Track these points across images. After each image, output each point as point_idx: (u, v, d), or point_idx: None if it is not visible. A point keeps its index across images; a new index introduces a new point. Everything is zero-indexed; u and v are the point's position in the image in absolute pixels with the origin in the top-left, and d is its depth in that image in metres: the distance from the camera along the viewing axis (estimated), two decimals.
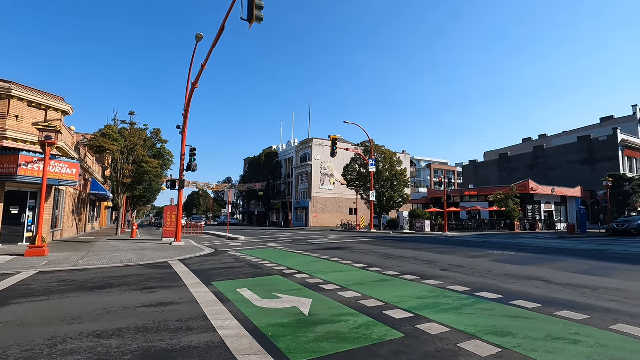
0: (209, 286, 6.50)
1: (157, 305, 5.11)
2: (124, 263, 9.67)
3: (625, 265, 9.54)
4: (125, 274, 7.95)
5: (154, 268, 8.98)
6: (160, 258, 10.76)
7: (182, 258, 10.88)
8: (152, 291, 6.12)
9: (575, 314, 4.64)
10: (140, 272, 8.24)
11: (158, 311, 4.81)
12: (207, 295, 5.78)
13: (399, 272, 7.89)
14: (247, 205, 74.33)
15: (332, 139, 28.51)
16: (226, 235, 21.48)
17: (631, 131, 46.52)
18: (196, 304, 5.18)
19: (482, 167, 61.23)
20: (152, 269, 8.87)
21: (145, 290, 6.23)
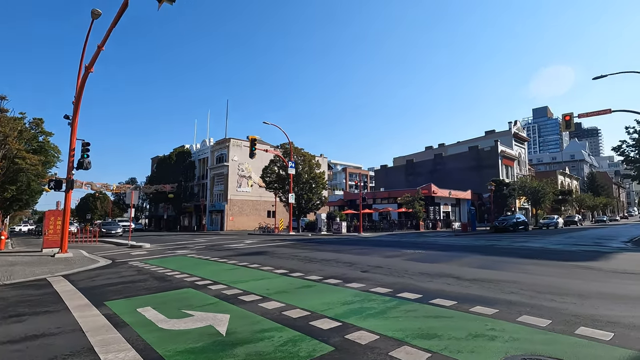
0: (101, 307, 5.37)
1: (23, 341, 3.94)
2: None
3: (512, 258, 10.93)
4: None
5: (25, 288, 7.22)
6: (37, 275, 8.78)
7: (67, 273, 9.06)
8: (20, 320, 4.79)
9: (486, 308, 4.94)
10: (4, 295, 6.51)
11: (21, 349, 3.69)
12: (96, 319, 4.71)
13: (321, 277, 7.68)
14: (155, 208, 67.76)
15: (251, 139, 27.56)
16: (127, 243, 18.94)
17: (507, 143, 55.26)
18: (80, 334, 4.14)
19: (392, 172, 66.21)
20: (23, 289, 7.13)
21: (9, 319, 4.84)
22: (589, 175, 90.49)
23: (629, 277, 7.46)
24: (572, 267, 9.05)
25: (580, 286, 6.50)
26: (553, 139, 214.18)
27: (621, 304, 5.17)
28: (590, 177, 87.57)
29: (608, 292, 6.01)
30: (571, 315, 4.59)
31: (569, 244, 16.56)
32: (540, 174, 65.86)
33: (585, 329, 4.04)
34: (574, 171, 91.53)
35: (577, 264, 9.65)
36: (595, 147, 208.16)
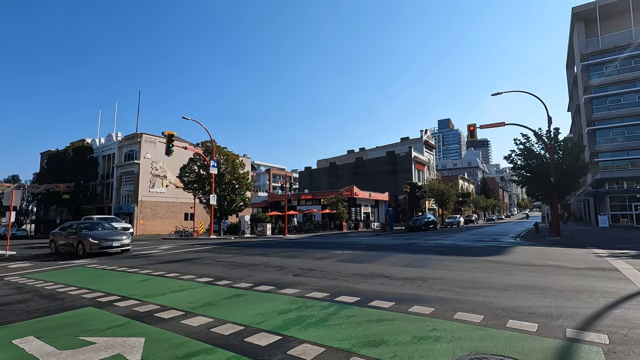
0: None
1: None
2: None
3: (432, 255, 11.66)
4: None
5: None
6: None
7: None
8: None
9: (424, 307, 4.96)
10: None
11: None
12: None
13: (251, 283, 7.08)
14: (45, 212, 57.89)
15: (167, 134, 25.14)
16: (5, 254, 15.50)
17: (419, 150, 60.51)
18: None
19: (316, 174, 67.36)
20: None
21: None
22: (481, 180, 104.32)
23: (531, 269, 8.42)
24: (484, 261, 9.96)
25: (495, 280, 7.07)
26: (454, 148, 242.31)
27: (533, 295, 5.68)
28: (483, 182, 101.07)
29: (519, 284, 6.62)
30: (498, 309, 4.85)
31: (473, 240, 18.53)
32: (444, 179, 73.62)
33: (513, 322, 4.26)
34: (471, 176, 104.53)
35: (487, 258, 10.69)
36: (486, 156, 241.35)
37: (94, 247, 13.52)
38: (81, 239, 13.84)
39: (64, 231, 15.41)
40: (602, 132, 40.02)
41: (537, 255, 11.32)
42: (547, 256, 11.15)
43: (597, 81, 40.40)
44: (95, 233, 14.27)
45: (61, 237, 15.29)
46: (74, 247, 14.08)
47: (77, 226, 15.12)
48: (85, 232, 14.30)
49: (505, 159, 25.72)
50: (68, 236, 14.73)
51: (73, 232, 14.62)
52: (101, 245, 13.63)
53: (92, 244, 13.54)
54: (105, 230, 15.24)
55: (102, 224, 16.23)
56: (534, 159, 22.98)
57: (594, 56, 40.71)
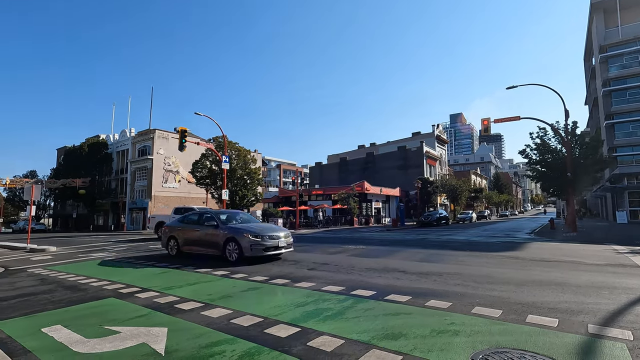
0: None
1: None
2: None
3: (445, 251, 11.59)
4: None
5: None
6: None
7: None
8: None
9: (441, 302, 4.95)
10: None
11: None
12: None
13: (267, 277, 7.16)
14: (62, 206, 59.36)
15: (180, 130, 25.37)
16: (26, 247, 16.00)
17: (431, 145, 59.85)
18: None
19: (326, 169, 67.30)
20: None
21: None
22: (494, 175, 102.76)
23: (548, 265, 8.31)
24: (499, 257, 9.85)
25: (511, 275, 7.00)
26: (466, 143, 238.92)
27: (551, 290, 5.61)
28: (496, 177, 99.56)
29: (536, 279, 6.54)
30: (516, 304, 4.81)
31: (486, 236, 18.33)
32: (457, 174, 72.73)
33: (533, 317, 4.22)
34: (483, 172, 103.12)
35: (502, 254, 10.58)
36: (499, 150, 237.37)
37: (256, 248, 8.85)
38: (232, 234, 9.23)
39: (191, 223, 10.78)
40: (621, 125, 38.92)
41: (553, 251, 11.15)
42: (563, 252, 10.97)
43: (616, 73, 39.22)
44: (250, 226, 9.59)
45: (188, 231, 10.59)
46: (216, 247, 9.58)
47: (216, 215, 10.31)
48: (236, 225, 9.80)
49: (519, 154, 25.28)
50: (203, 230, 10.10)
51: (213, 223, 9.97)
52: (266, 246, 8.95)
53: (252, 242, 8.85)
54: (258, 223, 10.83)
55: (238, 214, 11.26)
56: (549, 153, 22.52)
57: (613, 47, 39.49)
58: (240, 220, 10.78)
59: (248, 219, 11.14)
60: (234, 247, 9.16)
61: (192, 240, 10.46)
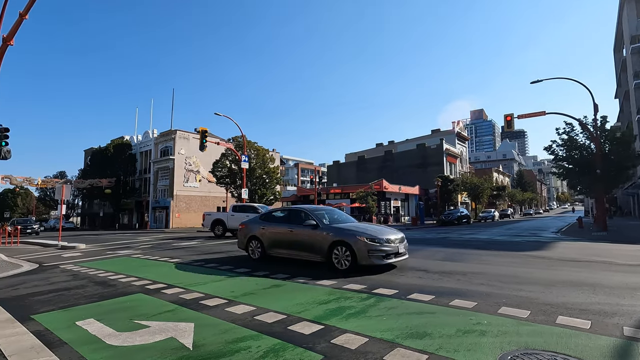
0: (28, 323, 4.42)
1: None
2: None
3: (468, 250, 11.36)
4: None
5: None
6: None
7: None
8: None
9: (465, 301, 4.86)
10: None
11: None
12: (22, 338, 3.82)
13: (288, 275, 7.22)
14: (89, 205, 61.71)
15: (201, 130, 25.93)
16: (58, 244, 16.75)
17: (451, 142, 58.71)
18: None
19: (344, 167, 67.14)
20: None
21: None
22: (518, 172, 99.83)
23: (577, 265, 8.01)
24: (524, 256, 9.58)
25: (538, 275, 6.79)
26: (488, 139, 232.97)
27: (582, 291, 5.41)
28: (519, 174, 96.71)
29: (565, 279, 6.32)
30: (545, 305, 4.67)
31: (511, 235, 17.85)
32: (478, 172, 71.12)
33: (563, 318, 4.09)
34: (506, 169, 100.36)
35: (527, 253, 10.27)
36: (522, 147, 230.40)
37: (375, 255, 6.99)
38: (341, 236, 7.45)
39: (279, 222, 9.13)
40: None
41: (582, 251, 10.74)
42: (593, 252, 10.55)
43: None
44: (362, 228, 7.75)
45: (276, 231, 8.91)
46: (318, 252, 7.75)
47: (313, 213, 8.45)
48: (343, 226, 7.89)
49: (545, 150, 24.40)
50: (298, 230, 8.29)
51: (311, 223, 8.05)
52: (386, 252, 7.09)
53: (370, 248, 7.01)
54: (25, 223, 8.88)
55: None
56: (577, 149, 21.65)
57: None
58: (339, 218, 8.89)
59: (345, 217, 9.30)
60: (343, 253, 7.36)
61: (283, 242, 8.72)
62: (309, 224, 8.20)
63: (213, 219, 20.40)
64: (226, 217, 19.51)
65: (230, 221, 19.04)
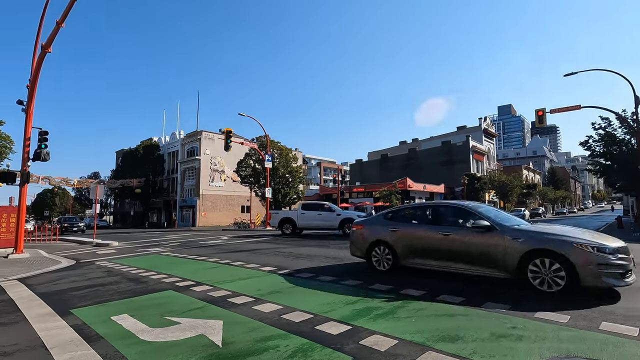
0: (67, 317, 4.62)
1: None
2: None
3: None
4: None
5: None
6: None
7: (23, 276, 8.04)
8: None
9: (498, 304, 4.66)
10: None
11: None
12: (63, 332, 4.00)
13: (313, 273, 7.21)
14: (120, 204, 64.43)
15: (226, 131, 26.48)
16: (93, 241, 17.57)
17: (478, 139, 57.02)
18: (43, 351, 3.45)
19: (366, 166, 66.66)
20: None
21: None
22: (549, 170, 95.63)
23: None
24: None
25: None
26: (516, 136, 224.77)
27: (626, 295, 5.08)
28: (551, 171, 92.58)
29: None
30: (586, 309, 4.41)
31: None
32: (506, 169, 68.70)
33: (607, 324, 3.84)
34: (537, 166, 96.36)
35: None
36: (554, 143, 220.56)
37: (608, 273, 4.91)
38: (542, 244, 5.34)
39: (419, 222, 7.07)
40: None
41: None
42: (636, 253, 9.90)
43: None
44: (563, 231, 5.73)
45: (416, 234, 6.85)
46: (497, 265, 5.66)
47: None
48: (534, 230, 5.74)
49: (580, 146, 23.28)
50: (455, 234, 6.26)
51: (483, 224, 5.90)
52: (624, 267, 5.05)
53: (600, 261, 4.94)
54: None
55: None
56: (616, 145, 20.47)
57: None
58: (507, 217, 6.58)
59: (507, 215, 6.80)
60: (550, 269, 5.18)
61: (431, 251, 6.53)
62: (480, 225, 5.93)
63: (281, 217, 19.85)
64: (296, 215, 19.02)
65: (301, 219, 18.61)
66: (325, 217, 17.87)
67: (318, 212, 17.97)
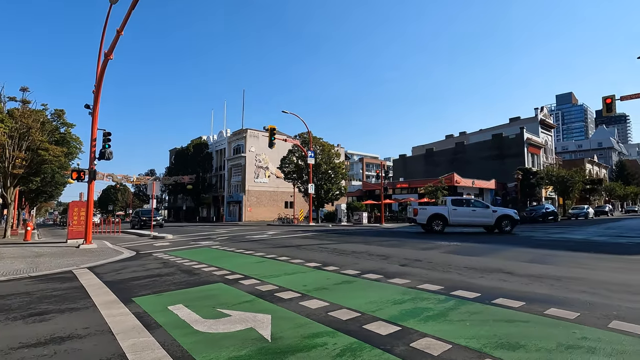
0: (129, 304, 4.97)
1: (48, 344, 3.54)
2: (7, 276, 7.39)
3: (559, 251, 10.09)
4: (5, 293, 5.91)
5: (51, 281, 6.95)
6: (62, 266, 8.56)
7: (92, 265, 8.82)
8: (44, 319, 4.42)
9: (564, 311, 4.27)
10: (29, 289, 6.23)
11: (48, 354, 3.28)
12: (126, 319, 4.30)
13: (358, 271, 7.12)
14: (174, 200, 68.72)
15: (270, 128, 27.07)
16: (150, 234, 18.90)
17: (533, 130, 53.03)
18: (109, 336, 3.72)
19: (411, 161, 64.81)
20: (49, 282, 6.86)
21: (32, 317, 4.49)
22: (617, 163, 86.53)
23: None
24: (635, 261, 8.21)
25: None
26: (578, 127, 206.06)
27: None
28: (620, 165, 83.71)
29: None
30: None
31: (612, 236, 15.48)
32: (566, 163, 63.23)
33: None
34: (602, 159, 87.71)
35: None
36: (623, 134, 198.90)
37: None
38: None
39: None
40: None
41: None
42: None
43: None
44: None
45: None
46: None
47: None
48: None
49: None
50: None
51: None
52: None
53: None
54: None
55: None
56: None
57: None
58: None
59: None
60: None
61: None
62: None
63: (430, 213, 18.29)
64: (447, 211, 17.70)
65: (453, 216, 17.41)
66: (481, 214, 16.94)
67: (472, 208, 17.09)
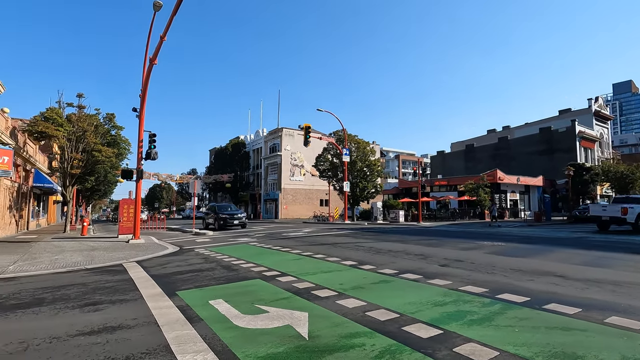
0: (173, 298, 5.19)
1: (101, 332, 3.77)
2: (67, 268, 8.01)
3: (620, 254, 9.24)
4: (65, 283, 6.40)
5: (104, 273, 7.45)
6: (114, 260, 9.15)
7: (140, 259, 9.35)
8: (97, 308, 4.73)
9: (628, 320, 3.88)
10: (85, 280, 6.71)
11: (101, 342, 3.49)
12: (170, 311, 4.48)
13: (396, 270, 6.95)
14: (214, 197, 71.38)
15: (305, 127, 27.26)
16: (192, 231, 19.75)
17: (587, 123, 49.12)
18: (155, 327, 3.89)
19: (449, 158, 62.57)
20: (102, 274, 7.34)
21: (87, 307, 4.81)
22: None
23: None
24: None
25: None
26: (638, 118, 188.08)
27: None
28: None
29: None
30: None
31: None
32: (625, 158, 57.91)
33: None
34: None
35: None
36: None
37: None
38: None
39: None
40: None
41: None
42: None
43: None
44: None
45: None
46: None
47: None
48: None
49: None
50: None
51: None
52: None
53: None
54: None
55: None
56: None
57: None
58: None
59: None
60: None
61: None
62: None
63: (638, 212, 16.27)
64: None
65: None
66: None
67: None
